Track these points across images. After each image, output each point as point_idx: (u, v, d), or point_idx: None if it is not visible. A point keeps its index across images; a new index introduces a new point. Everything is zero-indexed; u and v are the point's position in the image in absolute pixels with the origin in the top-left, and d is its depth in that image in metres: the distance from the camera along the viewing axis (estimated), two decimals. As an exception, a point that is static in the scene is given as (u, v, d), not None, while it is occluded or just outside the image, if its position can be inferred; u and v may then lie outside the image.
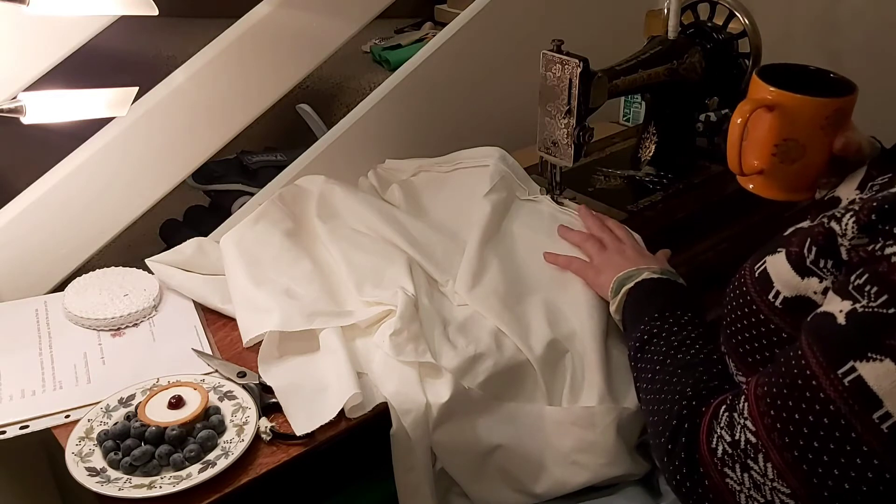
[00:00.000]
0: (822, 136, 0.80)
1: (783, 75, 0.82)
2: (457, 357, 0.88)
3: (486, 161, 1.18)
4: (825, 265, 0.65)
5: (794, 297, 0.68)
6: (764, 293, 0.70)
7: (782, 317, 0.69)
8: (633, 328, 0.85)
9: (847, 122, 0.81)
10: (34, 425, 0.83)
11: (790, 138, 0.81)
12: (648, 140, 1.22)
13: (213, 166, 1.53)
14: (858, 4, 1.41)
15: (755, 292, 0.71)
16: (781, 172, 0.83)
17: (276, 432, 0.81)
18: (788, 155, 0.81)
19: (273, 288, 0.98)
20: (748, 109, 0.80)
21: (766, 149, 0.82)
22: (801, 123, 0.80)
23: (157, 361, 0.92)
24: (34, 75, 1.08)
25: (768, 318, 0.70)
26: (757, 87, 0.82)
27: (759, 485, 0.63)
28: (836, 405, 0.59)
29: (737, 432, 0.65)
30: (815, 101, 0.79)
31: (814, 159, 0.82)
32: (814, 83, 0.82)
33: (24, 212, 1.11)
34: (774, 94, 0.80)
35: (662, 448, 0.71)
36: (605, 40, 1.18)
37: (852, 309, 0.60)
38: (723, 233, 1.10)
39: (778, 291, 0.69)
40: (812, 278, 0.66)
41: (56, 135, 1.12)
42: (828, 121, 0.79)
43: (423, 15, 2.08)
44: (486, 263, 1.01)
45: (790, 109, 0.80)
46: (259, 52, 1.28)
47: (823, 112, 0.79)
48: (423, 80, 1.31)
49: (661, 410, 0.74)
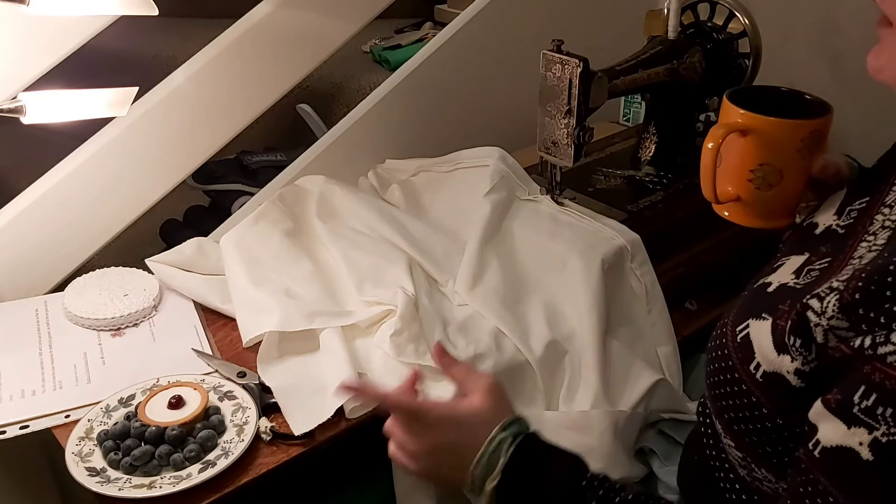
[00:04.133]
0: (798, 160, 0.76)
1: (755, 98, 0.78)
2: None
3: (486, 161, 1.18)
4: (794, 343, 0.59)
5: (771, 373, 0.62)
6: (745, 362, 0.64)
7: (763, 391, 0.63)
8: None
9: (824, 144, 0.77)
10: (34, 425, 0.83)
11: (766, 163, 0.77)
12: (648, 140, 1.22)
13: (213, 166, 1.52)
14: (858, 5, 1.40)
15: (737, 359, 0.65)
16: (759, 199, 0.79)
17: (276, 432, 0.81)
18: (765, 180, 0.77)
19: (273, 288, 0.98)
20: (720, 134, 0.76)
21: (741, 175, 0.78)
22: (777, 147, 0.76)
23: (157, 361, 0.92)
24: (34, 75, 1.08)
25: (751, 390, 0.64)
26: (728, 111, 0.78)
27: None
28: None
29: None
30: (789, 124, 0.75)
31: (792, 184, 0.77)
32: (787, 105, 0.78)
33: (24, 212, 1.11)
34: (746, 118, 0.76)
35: None
36: (605, 40, 1.18)
37: (873, 439, 0.53)
38: (723, 233, 1.10)
39: (759, 364, 0.63)
40: (785, 356, 0.60)
41: (56, 135, 1.12)
42: (804, 143, 0.75)
43: (423, 15, 2.08)
44: (486, 263, 1.01)
45: (764, 133, 0.76)
46: (259, 52, 1.28)
47: (799, 134, 0.75)
48: (423, 80, 1.31)
49: None
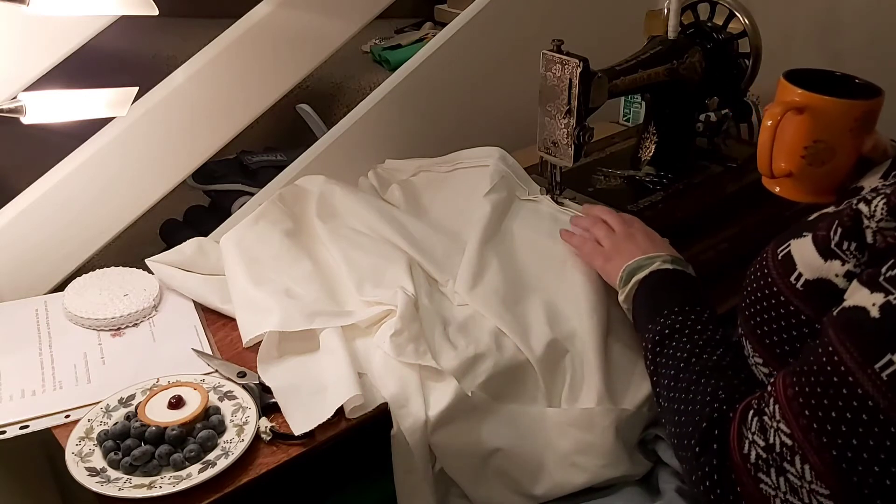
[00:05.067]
0: (850, 139, 0.81)
1: (809, 79, 0.82)
2: (457, 357, 0.88)
3: (486, 161, 1.18)
4: (848, 247, 0.65)
5: (815, 280, 0.67)
6: (786, 275, 0.70)
7: (802, 299, 0.68)
8: (649, 320, 0.84)
9: (874, 125, 0.82)
10: (34, 425, 0.83)
11: (820, 140, 0.81)
12: (648, 140, 1.22)
13: (213, 166, 1.53)
14: (859, 5, 1.41)
15: (777, 274, 0.71)
16: (810, 175, 0.83)
17: (276, 432, 0.81)
18: (818, 157, 0.82)
19: (273, 288, 0.98)
20: (779, 112, 0.81)
21: (795, 151, 0.83)
22: (831, 125, 0.81)
23: (157, 361, 0.92)
24: (34, 75, 1.08)
25: (789, 300, 0.70)
26: (786, 90, 0.82)
27: (796, 488, 0.62)
28: (874, 400, 0.58)
29: (770, 436, 0.64)
30: (845, 104, 0.80)
31: (842, 162, 0.82)
32: (839, 88, 0.82)
33: (24, 212, 1.11)
34: (803, 97, 0.81)
35: (690, 453, 0.70)
36: (605, 40, 1.18)
37: (886, 301, 0.59)
38: (723, 233, 1.10)
39: (800, 274, 0.69)
40: (835, 261, 0.66)
41: (56, 135, 1.12)
42: (857, 123, 0.80)
43: (423, 15, 2.08)
44: (487, 263, 1.01)
45: (820, 112, 0.80)
46: (259, 52, 1.28)
47: (853, 114, 0.80)
48: (423, 80, 1.31)
49: (688, 412, 0.72)
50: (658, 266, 0.88)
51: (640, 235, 0.95)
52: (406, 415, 0.83)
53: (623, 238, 0.95)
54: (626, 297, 0.89)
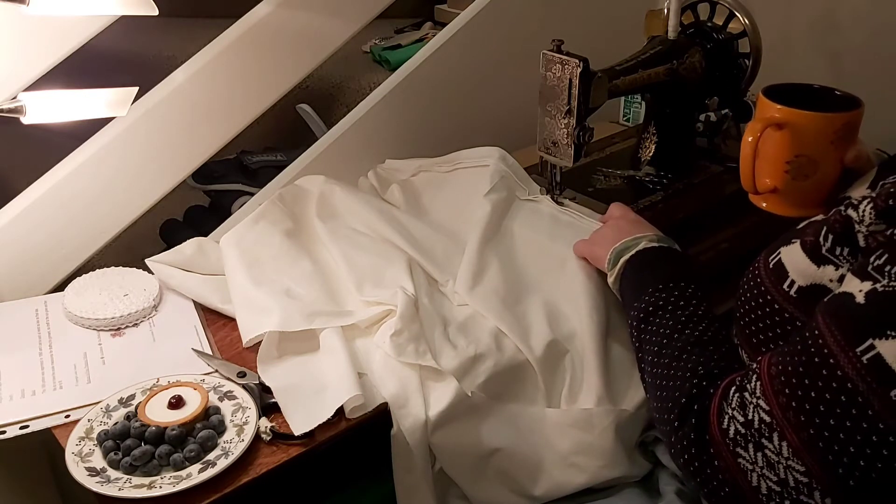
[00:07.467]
0: (832, 151, 0.81)
1: (788, 94, 0.84)
2: (457, 357, 0.88)
3: (486, 161, 1.18)
4: (841, 252, 0.66)
5: (809, 286, 0.68)
6: (779, 283, 0.71)
7: (797, 305, 0.69)
8: (635, 298, 0.85)
9: (856, 136, 0.82)
10: (34, 425, 0.83)
11: (802, 154, 0.82)
12: (648, 140, 1.22)
13: (213, 166, 1.53)
14: (859, 5, 1.41)
15: (770, 283, 0.72)
16: (795, 189, 0.84)
17: (276, 432, 0.81)
18: (801, 171, 0.83)
19: (273, 288, 0.98)
20: (759, 128, 0.81)
21: (778, 166, 0.83)
22: (812, 139, 0.82)
23: (157, 361, 0.92)
24: (34, 75, 1.08)
25: (783, 307, 0.71)
26: (765, 107, 0.83)
27: (772, 464, 0.63)
28: (853, 383, 0.59)
29: (750, 412, 0.65)
30: (824, 117, 0.81)
31: (826, 174, 0.83)
32: (819, 101, 0.83)
33: (24, 212, 1.11)
34: (783, 112, 0.82)
35: (670, 427, 0.71)
36: (605, 40, 1.18)
37: (872, 288, 0.60)
38: (723, 233, 1.10)
39: (793, 281, 0.70)
40: (828, 266, 0.67)
41: (56, 135, 1.12)
42: (837, 135, 0.81)
43: (423, 15, 2.08)
44: (487, 263, 1.01)
45: (800, 127, 0.81)
46: (259, 52, 1.27)
47: (833, 127, 0.81)
48: (423, 80, 1.31)
49: (669, 387, 0.73)
50: (644, 245, 0.90)
51: (625, 222, 0.97)
52: (406, 415, 0.83)
53: (608, 227, 0.98)
54: (615, 280, 0.91)
